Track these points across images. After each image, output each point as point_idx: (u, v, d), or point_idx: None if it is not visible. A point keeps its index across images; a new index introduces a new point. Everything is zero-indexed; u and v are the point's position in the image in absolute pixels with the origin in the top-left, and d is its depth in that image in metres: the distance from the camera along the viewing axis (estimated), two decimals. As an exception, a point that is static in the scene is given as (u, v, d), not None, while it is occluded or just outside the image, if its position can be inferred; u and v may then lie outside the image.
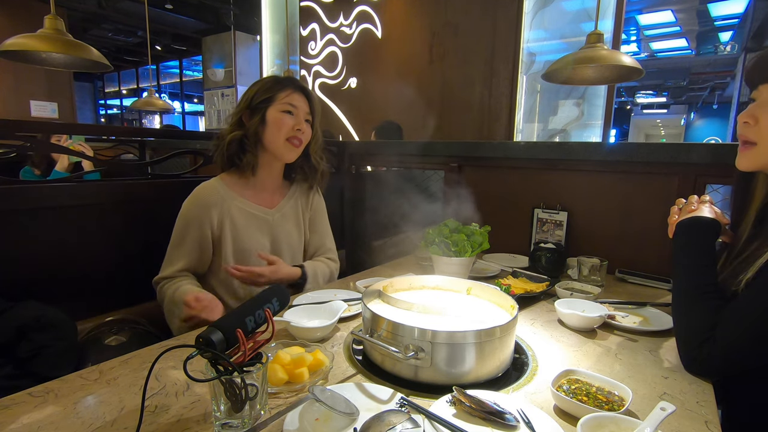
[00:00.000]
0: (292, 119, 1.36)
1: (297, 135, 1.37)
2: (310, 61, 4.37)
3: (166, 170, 2.03)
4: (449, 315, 0.96)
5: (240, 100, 1.41)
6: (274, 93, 1.35)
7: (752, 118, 0.89)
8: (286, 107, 1.36)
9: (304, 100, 1.40)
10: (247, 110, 1.37)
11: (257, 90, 1.37)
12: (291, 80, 1.40)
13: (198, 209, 1.33)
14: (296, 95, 1.38)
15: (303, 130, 1.38)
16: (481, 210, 1.64)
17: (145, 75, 10.86)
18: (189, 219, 1.32)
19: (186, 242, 1.32)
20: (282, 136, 1.35)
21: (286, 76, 1.43)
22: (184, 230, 1.32)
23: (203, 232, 1.33)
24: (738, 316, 0.84)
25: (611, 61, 1.60)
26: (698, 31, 7.14)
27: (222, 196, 1.36)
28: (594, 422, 0.67)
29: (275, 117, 1.35)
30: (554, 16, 3.27)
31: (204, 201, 1.33)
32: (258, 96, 1.36)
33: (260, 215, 1.42)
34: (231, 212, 1.36)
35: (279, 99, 1.35)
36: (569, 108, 3.41)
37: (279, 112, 1.35)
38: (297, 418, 0.69)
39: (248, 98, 1.37)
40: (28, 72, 5.15)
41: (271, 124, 1.35)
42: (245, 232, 1.38)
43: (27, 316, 1.00)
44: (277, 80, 1.39)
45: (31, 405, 0.74)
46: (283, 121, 1.35)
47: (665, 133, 14.82)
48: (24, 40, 1.68)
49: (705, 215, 1.00)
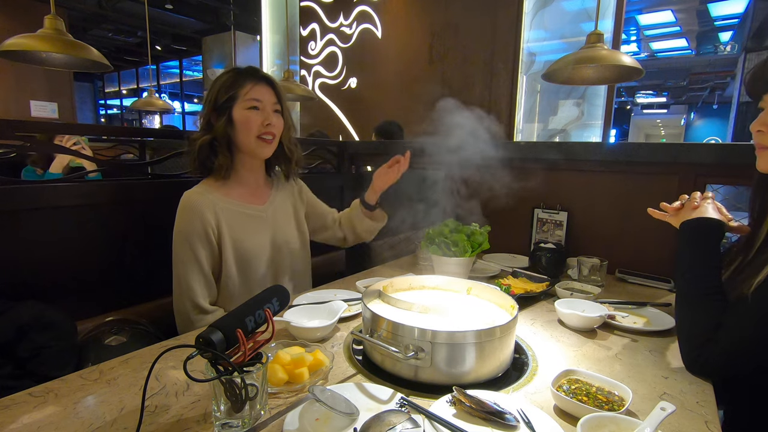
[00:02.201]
0: (259, 115, 1.29)
1: (268, 130, 1.31)
2: (310, 61, 4.37)
3: (166, 170, 2.03)
4: (449, 315, 0.96)
5: (205, 100, 1.33)
6: (236, 90, 1.27)
7: (765, 126, 0.91)
8: (251, 103, 1.28)
9: (268, 91, 1.31)
10: (214, 112, 1.30)
11: (219, 88, 1.29)
12: (251, 71, 1.32)
13: (195, 219, 1.25)
14: (259, 88, 1.30)
15: (273, 124, 1.32)
16: (482, 210, 1.64)
17: (145, 75, 10.87)
18: (189, 232, 1.25)
19: (200, 258, 1.25)
20: (252, 134, 1.29)
21: (246, 66, 1.33)
22: (190, 246, 1.25)
23: (210, 240, 1.27)
24: (743, 320, 0.84)
25: (611, 61, 1.60)
26: (698, 31, 7.15)
27: (211, 200, 1.29)
28: (594, 422, 0.67)
29: (241, 116, 1.28)
30: (554, 16, 3.27)
31: (198, 208, 1.26)
32: (221, 95, 1.28)
33: (254, 213, 1.38)
34: (225, 215, 1.30)
35: (242, 96, 1.28)
36: (569, 108, 3.41)
37: (244, 110, 1.28)
38: (297, 418, 0.69)
39: (212, 98, 1.30)
40: (28, 72, 5.16)
41: (238, 124, 1.28)
42: (243, 234, 1.33)
43: (27, 316, 1.00)
44: (238, 73, 1.30)
45: (31, 405, 0.74)
46: (251, 120, 1.28)
47: (665, 133, 14.82)
48: (24, 40, 1.68)
49: (709, 215, 1.00)
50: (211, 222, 1.27)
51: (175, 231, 1.27)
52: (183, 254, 1.26)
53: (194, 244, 1.25)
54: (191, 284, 1.25)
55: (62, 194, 1.29)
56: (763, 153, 0.93)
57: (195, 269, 1.26)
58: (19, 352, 0.96)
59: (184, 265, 1.25)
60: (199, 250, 1.25)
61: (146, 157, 3.12)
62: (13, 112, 5.15)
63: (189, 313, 1.25)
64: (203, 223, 1.26)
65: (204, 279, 1.27)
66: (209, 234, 1.27)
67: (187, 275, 1.25)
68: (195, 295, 1.25)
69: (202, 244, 1.26)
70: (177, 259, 1.27)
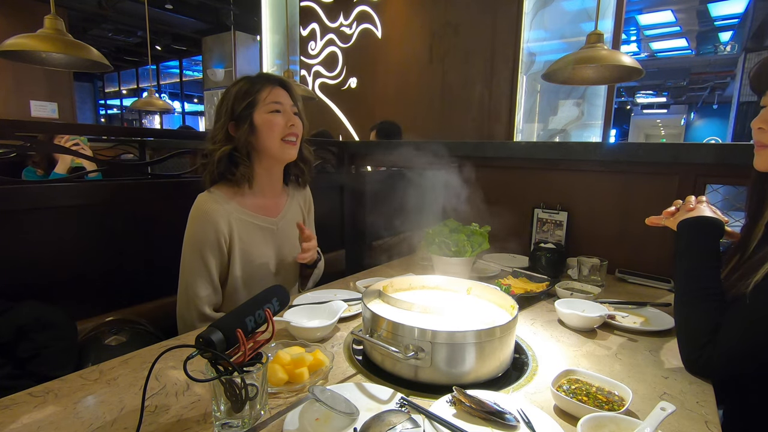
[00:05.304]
0: (282, 117, 1.29)
1: (292, 131, 1.31)
2: (310, 61, 4.37)
3: (166, 170, 2.03)
4: (449, 315, 0.96)
5: (218, 113, 1.31)
6: (254, 96, 1.26)
7: (766, 123, 0.91)
8: (273, 107, 1.27)
9: (285, 94, 1.31)
10: (232, 122, 1.28)
11: (234, 97, 1.27)
12: (265, 76, 1.32)
13: (209, 228, 1.23)
14: (277, 91, 1.29)
15: (296, 125, 1.31)
16: (481, 210, 1.64)
17: (145, 75, 10.86)
18: (202, 241, 1.23)
19: (210, 267, 1.24)
20: (277, 137, 1.28)
21: (258, 74, 1.34)
22: (201, 255, 1.23)
23: (221, 249, 1.25)
24: (742, 320, 0.83)
25: (611, 61, 1.60)
26: (698, 31, 7.15)
27: (227, 209, 1.26)
28: (594, 422, 0.67)
29: (264, 120, 1.27)
30: (554, 16, 3.27)
31: (213, 217, 1.23)
32: (238, 103, 1.26)
33: (264, 225, 1.35)
34: (237, 225, 1.28)
35: (262, 100, 1.27)
36: (569, 108, 3.41)
37: (266, 113, 1.27)
38: (297, 418, 0.69)
39: (228, 109, 1.28)
40: (28, 72, 5.16)
41: (262, 128, 1.27)
42: (251, 246, 1.31)
43: (27, 316, 1.00)
44: (252, 81, 1.29)
45: (31, 405, 0.74)
46: (274, 122, 1.27)
47: (665, 133, 14.82)
48: (24, 40, 1.68)
49: (707, 215, 1.00)
50: (224, 232, 1.25)
51: (187, 237, 1.25)
52: (193, 262, 1.24)
53: (205, 254, 1.23)
54: (198, 292, 1.24)
55: (62, 194, 1.29)
56: (762, 151, 0.92)
57: (204, 278, 1.24)
58: (19, 352, 0.96)
59: (192, 274, 1.24)
60: (210, 259, 1.24)
61: (146, 157, 3.12)
62: (13, 112, 5.15)
63: (194, 321, 1.24)
64: (216, 233, 1.24)
65: (212, 287, 1.26)
66: (221, 244, 1.25)
67: (195, 283, 1.24)
68: (201, 303, 1.24)
69: (213, 253, 1.24)
70: (186, 266, 1.25)
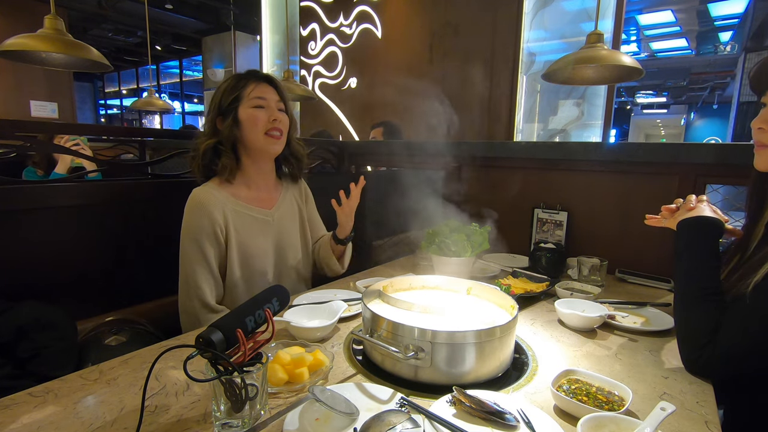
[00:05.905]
0: (264, 113, 1.32)
1: (275, 126, 1.33)
2: (310, 61, 4.37)
3: (166, 170, 2.03)
4: (449, 315, 0.96)
5: (209, 107, 1.37)
6: (240, 91, 1.31)
7: (766, 123, 0.91)
8: (256, 102, 1.31)
9: (271, 90, 1.35)
10: (219, 116, 1.33)
11: (222, 92, 1.33)
12: (253, 74, 1.36)
13: (204, 217, 1.25)
14: (262, 87, 1.33)
15: (279, 120, 1.34)
16: (481, 210, 1.64)
17: (145, 75, 10.87)
18: (198, 230, 1.25)
19: (208, 257, 1.25)
20: (260, 131, 1.31)
21: (247, 70, 1.38)
22: (199, 244, 1.24)
23: (218, 238, 1.27)
24: (742, 320, 0.83)
25: (611, 61, 1.60)
26: (698, 31, 7.15)
27: (220, 199, 1.29)
28: (594, 422, 0.67)
29: (247, 115, 1.31)
30: (554, 16, 3.27)
31: (207, 206, 1.26)
32: (225, 98, 1.31)
33: (260, 217, 1.38)
34: (233, 216, 1.30)
35: (246, 96, 1.31)
36: (569, 108, 3.41)
37: (250, 108, 1.31)
38: (297, 418, 0.69)
39: (216, 103, 1.33)
40: (28, 72, 5.15)
41: (245, 122, 1.31)
42: (248, 237, 1.33)
43: (27, 316, 1.00)
44: (239, 77, 1.34)
45: (31, 405, 0.74)
46: (257, 117, 1.31)
47: (665, 133, 14.82)
48: (24, 40, 1.68)
49: (706, 215, 0.99)
50: (219, 221, 1.27)
51: (183, 228, 1.27)
52: (191, 253, 1.25)
53: (203, 243, 1.25)
54: (199, 283, 1.24)
55: (62, 194, 1.29)
56: (762, 151, 0.92)
57: (203, 268, 1.25)
58: (19, 352, 0.96)
59: (192, 264, 1.25)
60: (208, 248, 1.25)
61: (146, 157, 3.12)
62: (13, 112, 5.15)
63: (197, 313, 1.24)
64: (212, 222, 1.26)
65: (212, 277, 1.27)
66: (217, 233, 1.27)
67: (195, 274, 1.25)
68: (203, 294, 1.24)
69: (210, 242, 1.26)
70: (185, 257, 1.26)
